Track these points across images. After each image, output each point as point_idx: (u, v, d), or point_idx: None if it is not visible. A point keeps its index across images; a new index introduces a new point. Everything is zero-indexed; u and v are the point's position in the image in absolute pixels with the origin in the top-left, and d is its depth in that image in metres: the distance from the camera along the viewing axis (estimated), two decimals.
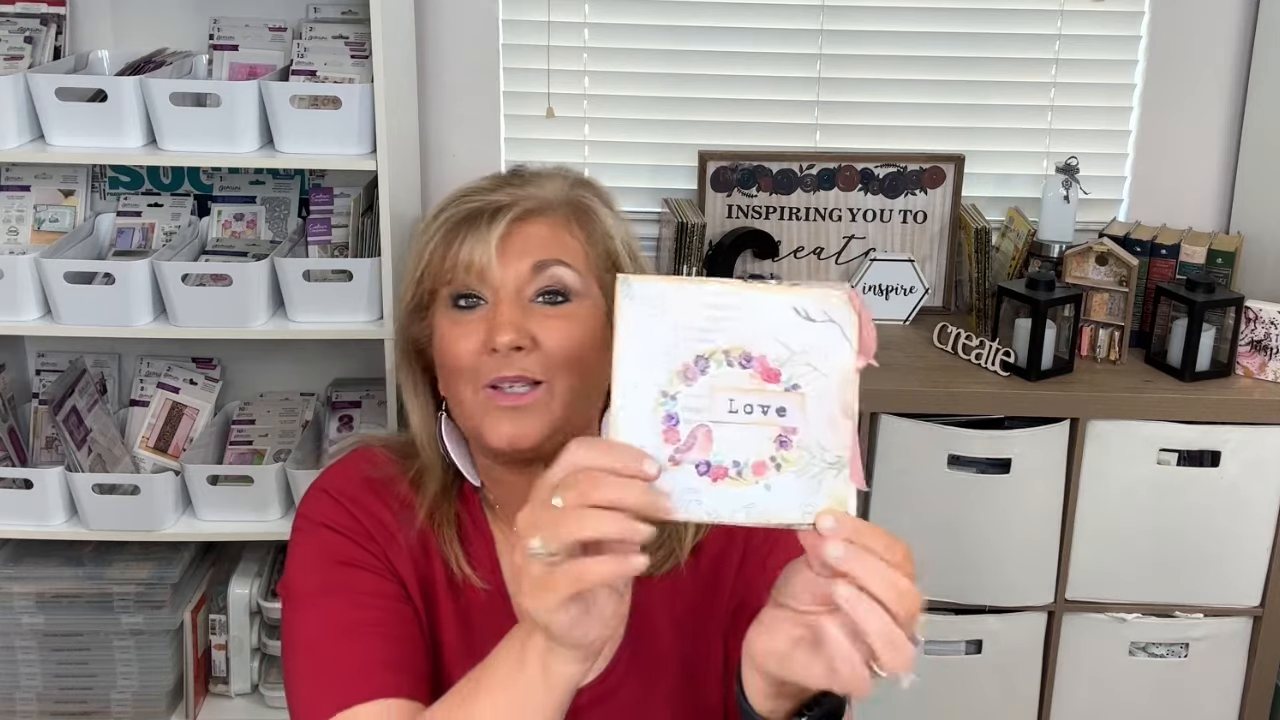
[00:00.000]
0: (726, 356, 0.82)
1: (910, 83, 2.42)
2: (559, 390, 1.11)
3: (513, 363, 1.09)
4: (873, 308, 2.51)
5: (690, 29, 2.39)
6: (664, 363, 0.82)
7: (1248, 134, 2.40)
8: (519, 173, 1.21)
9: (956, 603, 2.17)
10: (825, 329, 0.81)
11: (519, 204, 1.14)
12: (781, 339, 0.82)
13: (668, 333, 0.81)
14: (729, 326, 0.81)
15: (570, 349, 1.11)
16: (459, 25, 2.37)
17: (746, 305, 0.81)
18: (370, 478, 1.21)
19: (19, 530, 2.11)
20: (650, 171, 2.45)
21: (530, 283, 1.12)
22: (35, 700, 2.21)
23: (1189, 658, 2.19)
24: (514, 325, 1.09)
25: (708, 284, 0.82)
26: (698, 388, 0.82)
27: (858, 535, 0.82)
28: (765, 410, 0.82)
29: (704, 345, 0.82)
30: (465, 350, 1.12)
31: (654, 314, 0.82)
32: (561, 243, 1.14)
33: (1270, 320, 2.12)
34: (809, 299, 0.81)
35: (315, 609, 1.15)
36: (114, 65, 2.22)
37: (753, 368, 0.82)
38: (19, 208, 2.27)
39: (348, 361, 2.40)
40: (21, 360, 2.38)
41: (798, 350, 0.82)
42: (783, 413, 0.82)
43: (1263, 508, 2.11)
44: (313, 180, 2.28)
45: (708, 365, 0.82)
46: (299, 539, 1.21)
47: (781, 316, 0.81)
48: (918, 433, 2.08)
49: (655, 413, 0.82)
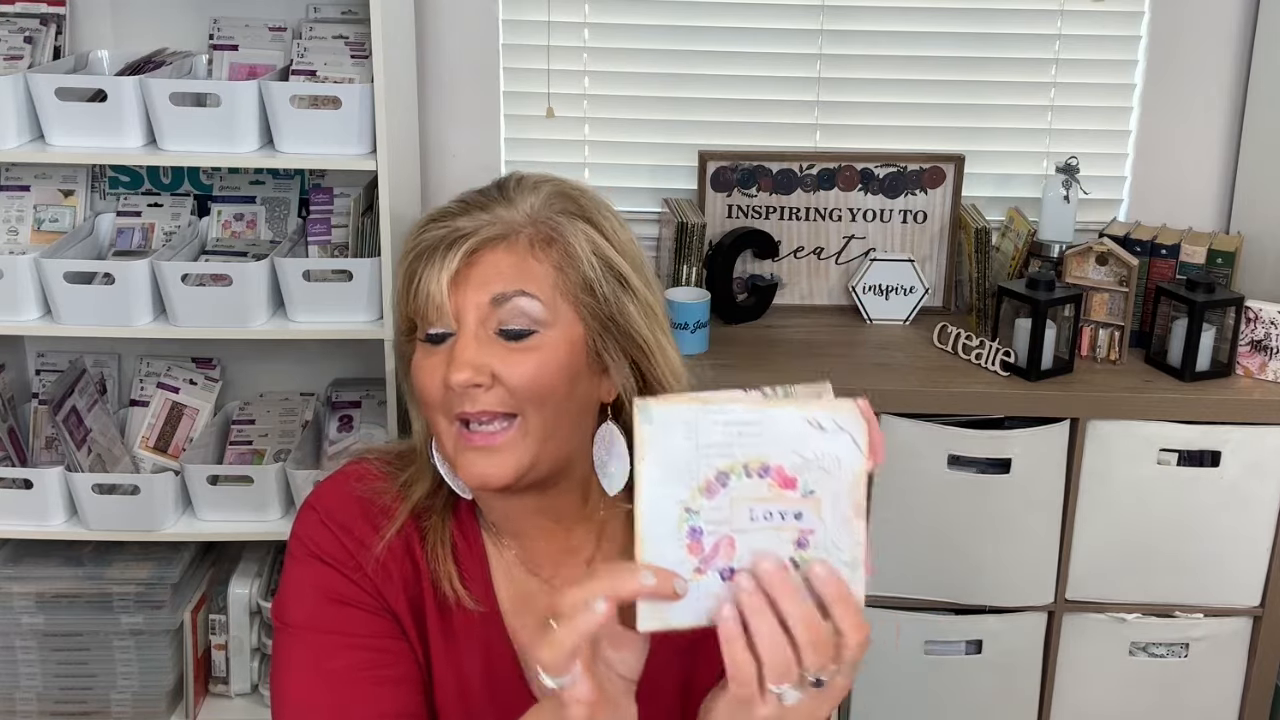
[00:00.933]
0: (745, 469, 0.85)
1: (910, 83, 2.42)
2: (532, 423, 1.08)
3: (475, 399, 1.07)
4: (873, 307, 2.51)
5: (690, 29, 2.39)
6: (686, 480, 0.85)
7: (1248, 134, 2.40)
8: (502, 186, 1.15)
9: (956, 603, 2.17)
10: (837, 437, 0.85)
11: (479, 232, 1.09)
12: (797, 449, 0.85)
13: (689, 452, 0.84)
14: (747, 441, 0.84)
15: (536, 383, 1.07)
16: (459, 25, 2.37)
17: (764, 421, 0.84)
18: (359, 497, 1.19)
19: (19, 530, 2.11)
20: (650, 171, 2.45)
21: (491, 315, 1.08)
22: (35, 700, 2.21)
23: (1189, 658, 2.19)
24: (469, 364, 1.06)
25: (728, 406, 0.84)
26: (719, 500, 0.85)
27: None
28: (784, 516, 0.86)
29: (724, 461, 0.85)
30: (432, 384, 1.09)
31: (674, 436, 0.84)
32: (525, 271, 1.08)
33: (1270, 320, 2.12)
34: (822, 412, 0.84)
35: (306, 647, 1.15)
36: (114, 65, 2.22)
37: (770, 477, 0.85)
38: (19, 208, 2.27)
39: (348, 361, 2.40)
40: (21, 360, 2.38)
41: (812, 458, 0.85)
42: (800, 517, 0.86)
43: (1263, 508, 2.11)
44: (313, 180, 2.28)
45: (728, 479, 0.85)
46: (292, 565, 1.20)
47: (796, 429, 0.85)
48: (918, 433, 2.08)
49: (680, 528, 0.85)
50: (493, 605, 1.19)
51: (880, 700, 2.21)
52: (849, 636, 0.86)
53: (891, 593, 2.16)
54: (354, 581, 1.16)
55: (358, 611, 1.16)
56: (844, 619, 0.86)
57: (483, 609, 1.18)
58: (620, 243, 1.14)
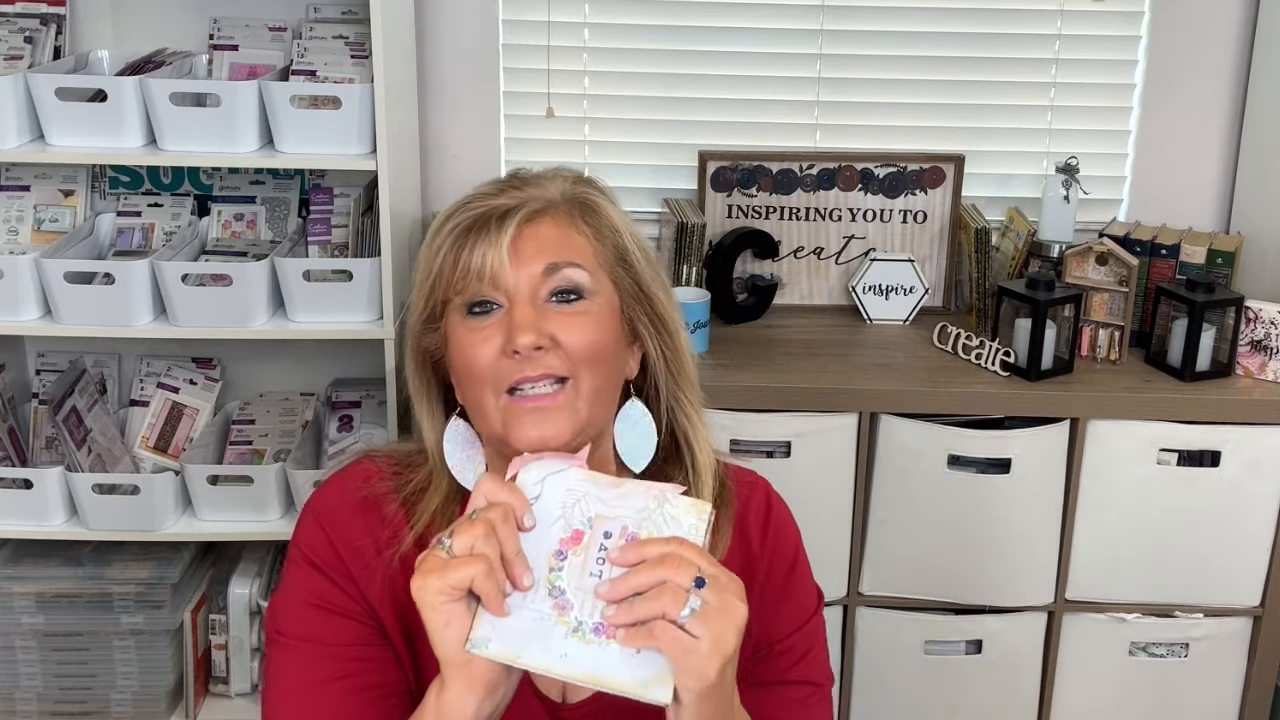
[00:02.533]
0: (554, 572, 0.99)
1: (910, 83, 2.42)
2: (584, 387, 1.11)
3: (535, 362, 1.09)
4: (873, 308, 2.51)
5: (690, 29, 2.39)
6: (546, 621, 0.97)
7: (1248, 134, 2.40)
8: (519, 175, 1.20)
9: (956, 603, 2.17)
10: (549, 485, 1.02)
11: (525, 206, 1.14)
12: (548, 523, 1.00)
13: (524, 615, 0.97)
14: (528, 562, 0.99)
15: (590, 345, 1.12)
16: (459, 25, 2.37)
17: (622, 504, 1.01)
18: (362, 498, 1.20)
19: (19, 530, 2.11)
20: (650, 171, 2.45)
21: (543, 284, 1.12)
22: (35, 700, 2.21)
23: (1189, 658, 2.19)
24: (533, 326, 1.09)
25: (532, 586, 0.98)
26: (576, 600, 0.97)
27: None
28: (605, 540, 0.99)
29: (544, 586, 0.98)
30: (484, 356, 1.11)
31: (503, 622, 0.97)
32: (570, 242, 1.14)
33: (1270, 320, 2.12)
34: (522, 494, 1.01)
35: (292, 653, 1.16)
36: (114, 65, 2.22)
37: (567, 550, 0.99)
38: (19, 208, 2.27)
39: (348, 361, 2.40)
40: (21, 360, 2.38)
41: (560, 512, 1.00)
42: (609, 534, 0.99)
43: (1263, 508, 2.11)
44: (313, 180, 2.28)
45: (560, 586, 0.98)
46: (289, 568, 1.21)
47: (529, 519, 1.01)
48: (918, 433, 2.08)
49: (587, 640, 0.96)
50: None
51: (880, 700, 2.21)
52: (673, 549, 0.97)
53: (891, 593, 2.16)
54: (342, 589, 1.17)
55: (341, 620, 1.17)
56: (652, 550, 0.97)
57: None
58: (634, 226, 1.22)
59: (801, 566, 1.27)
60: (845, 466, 2.09)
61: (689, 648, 0.93)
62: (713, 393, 2.14)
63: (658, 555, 0.96)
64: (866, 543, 2.13)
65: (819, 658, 1.27)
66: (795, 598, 1.25)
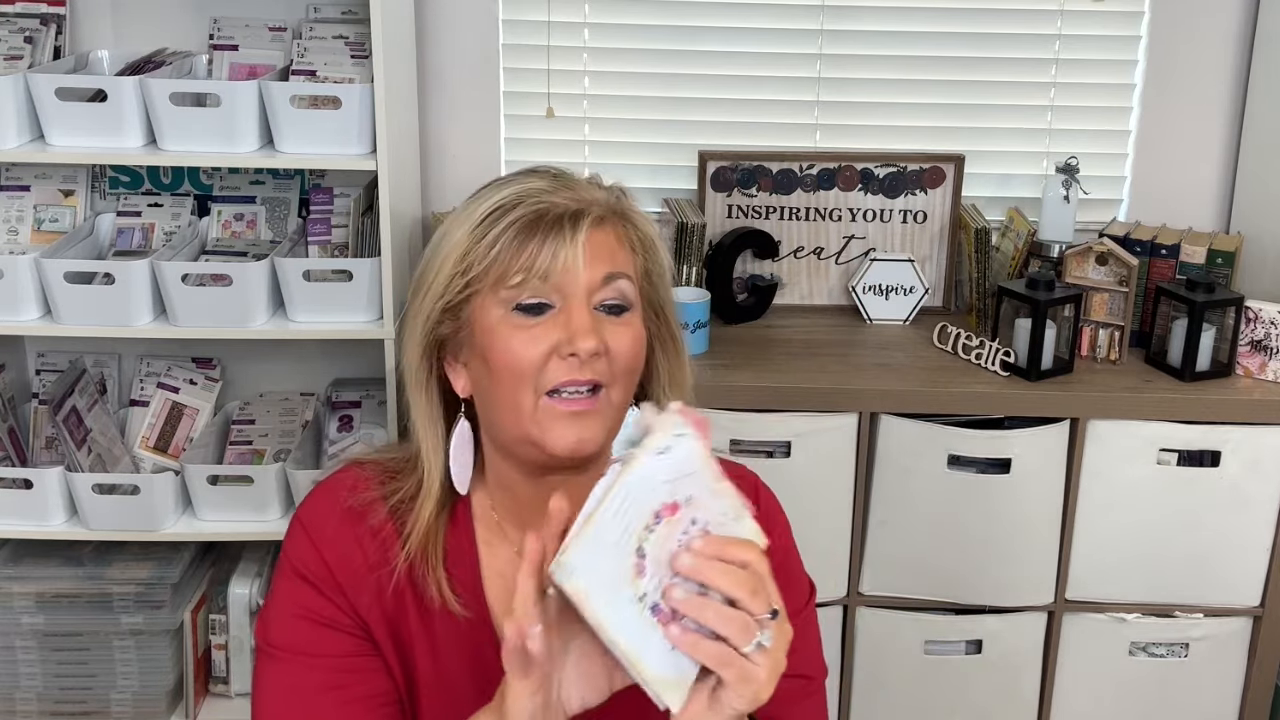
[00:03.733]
0: (646, 530, 0.93)
1: (910, 83, 2.42)
2: (615, 397, 1.12)
3: (587, 367, 1.09)
4: (873, 308, 2.51)
5: (690, 29, 2.39)
6: (622, 582, 0.93)
7: (1248, 134, 2.40)
8: (559, 175, 1.17)
9: (956, 603, 2.17)
10: (678, 446, 0.95)
11: (590, 210, 1.12)
12: (661, 482, 0.94)
13: (609, 562, 0.92)
14: (631, 512, 0.93)
15: (634, 358, 1.13)
16: (459, 25, 2.37)
17: (631, 488, 0.93)
18: (349, 507, 1.19)
19: (19, 530, 2.11)
20: (650, 171, 2.45)
21: (599, 291, 1.11)
22: (35, 700, 2.21)
23: (1189, 658, 2.19)
24: (594, 331, 1.09)
25: (604, 506, 0.92)
26: (649, 569, 0.93)
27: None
28: (686, 531, 0.95)
29: (630, 540, 0.93)
30: (532, 354, 1.09)
31: (594, 565, 0.92)
32: (621, 252, 1.14)
33: (1270, 320, 2.12)
34: (657, 439, 0.94)
35: (281, 665, 1.16)
36: (114, 65, 2.22)
37: (662, 518, 0.94)
38: (19, 208, 2.27)
39: (348, 361, 2.40)
40: (21, 360, 2.38)
41: (673, 477, 0.94)
42: (694, 521, 0.95)
43: (1263, 508, 2.11)
44: (313, 180, 2.28)
45: (643, 549, 0.93)
46: (278, 579, 1.21)
47: (651, 470, 0.94)
48: (918, 433, 2.08)
49: (644, 617, 0.93)
50: (481, 610, 1.19)
51: (880, 700, 2.21)
52: (754, 564, 0.94)
53: (891, 593, 2.16)
54: (331, 600, 1.17)
55: (331, 632, 1.17)
56: (738, 554, 0.94)
57: (470, 615, 1.18)
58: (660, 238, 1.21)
59: (792, 559, 1.27)
60: (845, 467, 2.09)
61: (749, 675, 0.93)
62: (713, 393, 2.15)
63: (739, 560, 0.94)
64: (866, 543, 2.14)
65: (812, 650, 1.26)
66: (786, 590, 1.23)
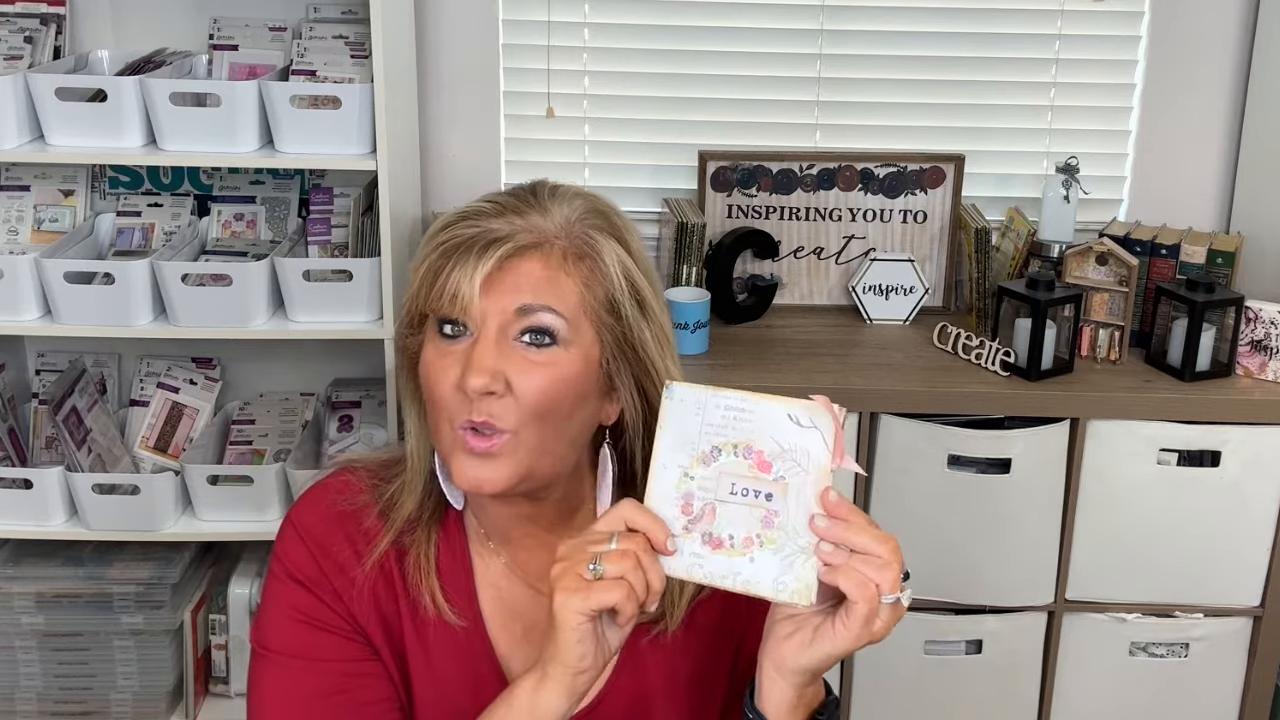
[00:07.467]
0: (734, 449, 1.01)
1: (910, 83, 2.42)
2: (525, 440, 1.07)
3: (481, 408, 1.05)
4: (873, 308, 2.50)
5: (690, 29, 2.39)
6: (689, 450, 1.01)
7: (1248, 134, 2.40)
8: (535, 192, 1.13)
9: (956, 603, 2.17)
10: (810, 434, 1.00)
11: (514, 238, 1.07)
12: (776, 438, 1.00)
13: (696, 427, 1.01)
14: (739, 425, 1.01)
15: (542, 398, 1.06)
16: (459, 25, 2.37)
17: (756, 410, 1.01)
18: (340, 511, 1.19)
19: (19, 530, 2.11)
20: (650, 171, 2.45)
21: (514, 323, 1.07)
22: (35, 700, 2.21)
23: (1189, 658, 2.19)
24: (488, 370, 1.04)
25: (730, 394, 1.01)
26: (710, 471, 1.01)
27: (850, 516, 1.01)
28: (757, 494, 1.00)
29: (719, 439, 1.01)
30: (442, 385, 1.07)
31: (688, 413, 1.01)
32: (556, 284, 1.07)
33: (1270, 320, 2.12)
34: (800, 409, 1.00)
35: (278, 670, 1.16)
36: (114, 65, 2.22)
37: (752, 459, 1.00)
38: (19, 208, 2.27)
39: (348, 361, 2.40)
40: (21, 360, 2.38)
41: (787, 448, 1.00)
42: (770, 498, 1.00)
43: (1263, 508, 2.11)
44: (313, 180, 2.28)
45: (719, 454, 1.01)
46: (270, 583, 1.20)
47: (778, 420, 1.00)
48: (918, 433, 2.08)
49: (678, 489, 1.01)
50: (476, 618, 1.19)
51: (880, 700, 2.21)
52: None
53: None
54: (327, 604, 1.16)
55: (329, 635, 1.16)
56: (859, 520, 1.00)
57: (464, 623, 1.18)
58: (645, 267, 1.15)
59: None
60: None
61: (877, 615, 0.99)
62: None
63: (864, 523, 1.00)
64: None
65: None
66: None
